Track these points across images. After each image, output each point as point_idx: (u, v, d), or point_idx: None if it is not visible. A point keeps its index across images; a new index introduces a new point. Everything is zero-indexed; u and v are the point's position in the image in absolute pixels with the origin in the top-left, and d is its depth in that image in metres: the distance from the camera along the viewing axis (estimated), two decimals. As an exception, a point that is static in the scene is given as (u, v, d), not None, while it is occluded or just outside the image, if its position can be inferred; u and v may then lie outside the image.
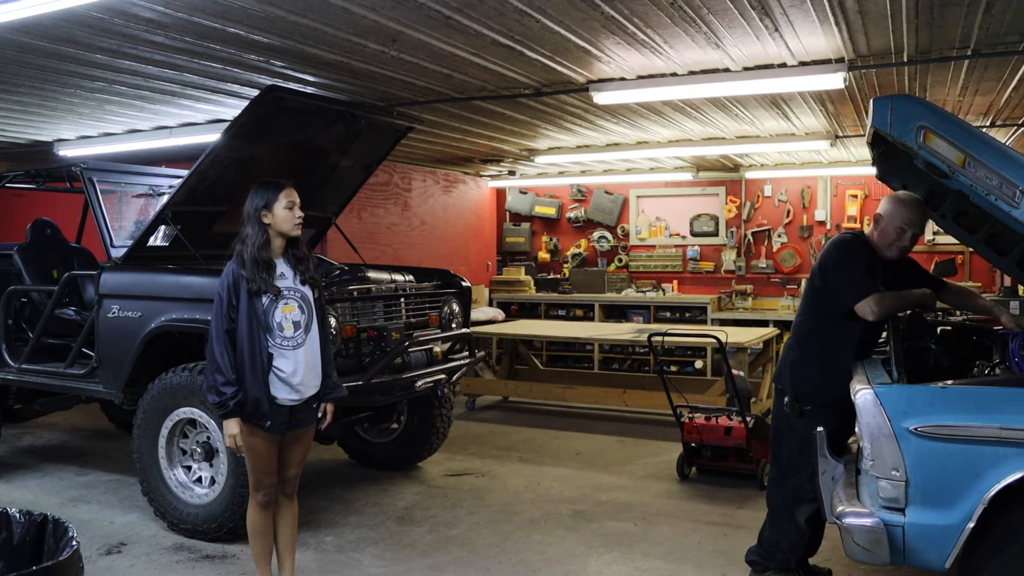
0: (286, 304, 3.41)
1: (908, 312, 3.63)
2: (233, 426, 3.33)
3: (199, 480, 4.58)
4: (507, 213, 11.15)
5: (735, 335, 6.88)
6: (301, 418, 3.50)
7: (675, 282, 10.20)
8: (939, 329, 3.93)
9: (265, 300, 3.37)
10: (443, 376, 5.15)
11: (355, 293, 4.82)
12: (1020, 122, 6.34)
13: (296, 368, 3.40)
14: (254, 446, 3.43)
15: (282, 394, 3.39)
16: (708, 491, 5.45)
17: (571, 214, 10.76)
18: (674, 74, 4.87)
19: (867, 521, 2.82)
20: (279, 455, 3.52)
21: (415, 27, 3.91)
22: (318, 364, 3.52)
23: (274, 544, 3.62)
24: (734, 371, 5.96)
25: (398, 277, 5.38)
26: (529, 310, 10.45)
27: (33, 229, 6.21)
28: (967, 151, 2.96)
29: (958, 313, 4.25)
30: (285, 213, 3.43)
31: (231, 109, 5.75)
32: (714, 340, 6.03)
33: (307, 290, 3.50)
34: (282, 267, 3.48)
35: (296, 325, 3.42)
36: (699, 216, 10.12)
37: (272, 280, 3.39)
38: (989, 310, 3.68)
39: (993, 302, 3.98)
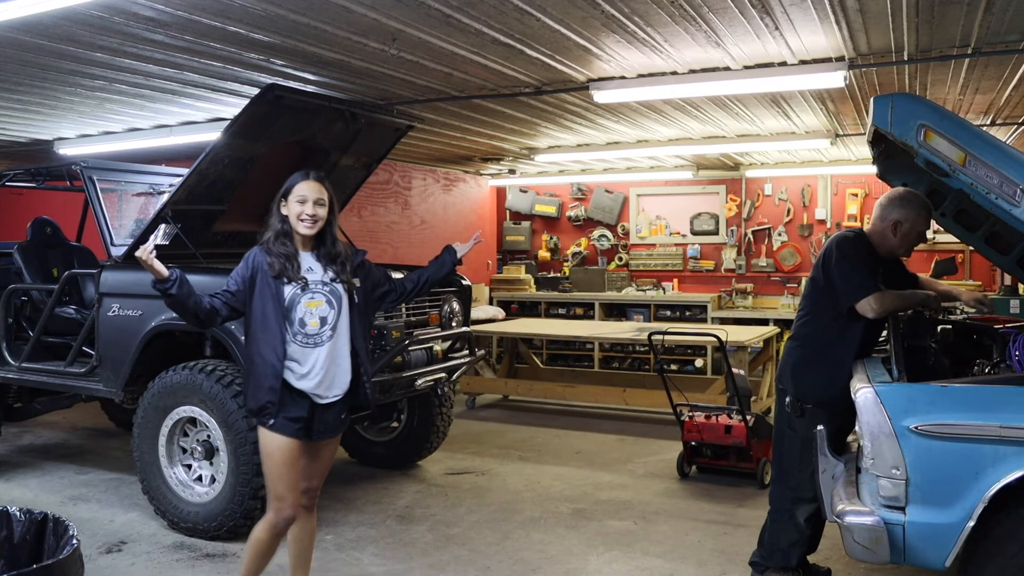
0: (311, 299, 3.16)
1: (908, 311, 3.63)
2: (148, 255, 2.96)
3: (199, 479, 4.58)
4: (507, 212, 11.15)
5: (735, 334, 6.88)
6: (325, 427, 3.24)
7: (675, 281, 10.20)
8: (939, 328, 3.93)
9: (288, 290, 3.14)
10: (443, 375, 5.16)
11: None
12: (1020, 120, 6.34)
13: (313, 368, 3.15)
14: (268, 451, 3.17)
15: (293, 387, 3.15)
16: (708, 490, 5.45)
17: (571, 213, 10.76)
18: (674, 73, 4.86)
19: (867, 520, 2.82)
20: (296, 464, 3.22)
21: (415, 26, 3.90)
22: (345, 369, 3.24)
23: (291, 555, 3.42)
24: (734, 370, 5.96)
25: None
26: (529, 309, 10.45)
27: (33, 228, 6.21)
28: (967, 149, 2.96)
29: (958, 312, 4.26)
30: (295, 207, 3.18)
31: (231, 108, 5.74)
32: (714, 339, 6.04)
33: (340, 288, 3.23)
34: (309, 261, 3.22)
35: (323, 321, 3.17)
36: (699, 215, 10.12)
37: (295, 270, 3.16)
38: (948, 293, 3.79)
39: (951, 284, 4.05)
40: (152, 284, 3.05)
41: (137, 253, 2.98)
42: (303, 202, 3.18)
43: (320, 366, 3.17)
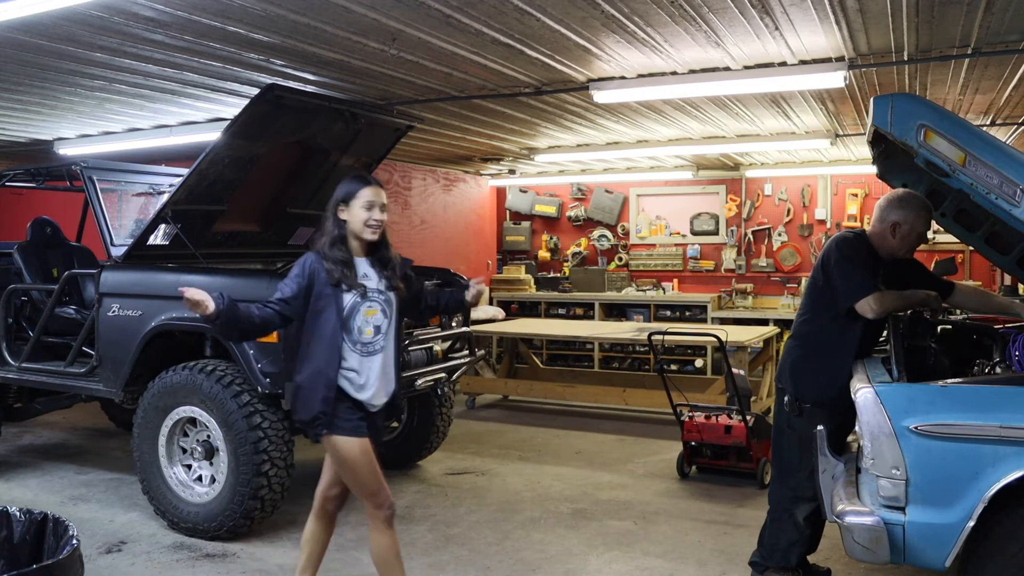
0: (369, 307, 3.12)
1: (908, 311, 3.63)
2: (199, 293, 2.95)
3: (199, 479, 4.58)
4: (507, 212, 11.15)
5: (735, 334, 6.88)
6: (375, 431, 3.21)
7: (675, 281, 10.20)
8: (939, 328, 3.93)
9: (348, 298, 3.08)
10: (443, 375, 5.16)
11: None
12: (1020, 121, 6.34)
13: (370, 378, 3.12)
14: (354, 457, 3.08)
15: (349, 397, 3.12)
16: (708, 490, 5.45)
17: (571, 213, 10.76)
18: (674, 73, 4.86)
19: (867, 520, 2.82)
20: (331, 468, 3.25)
21: (415, 26, 3.91)
22: (391, 377, 3.21)
23: (313, 552, 3.39)
24: (734, 370, 5.96)
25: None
26: (529, 309, 10.45)
27: (33, 228, 6.21)
28: (967, 150, 2.96)
29: (958, 312, 4.25)
30: (361, 213, 3.10)
31: (231, 108, 5.75)
32: (714, 339, 6.04)
33: (393, 296, 3.20)
34: (364, 268, 3.18)
35: (376, 330, 3.13)
36: (699, 215, 10.12)
37: (354, 277, 3.11)
38: (1008, 308, 3.65)
39: (1011, 299, 3.94)
40: (201, 318, 3.00)
41: (187, 294, 2.93)
42: (370, 208, 3.11)
43: (376, 375, 3.14)
